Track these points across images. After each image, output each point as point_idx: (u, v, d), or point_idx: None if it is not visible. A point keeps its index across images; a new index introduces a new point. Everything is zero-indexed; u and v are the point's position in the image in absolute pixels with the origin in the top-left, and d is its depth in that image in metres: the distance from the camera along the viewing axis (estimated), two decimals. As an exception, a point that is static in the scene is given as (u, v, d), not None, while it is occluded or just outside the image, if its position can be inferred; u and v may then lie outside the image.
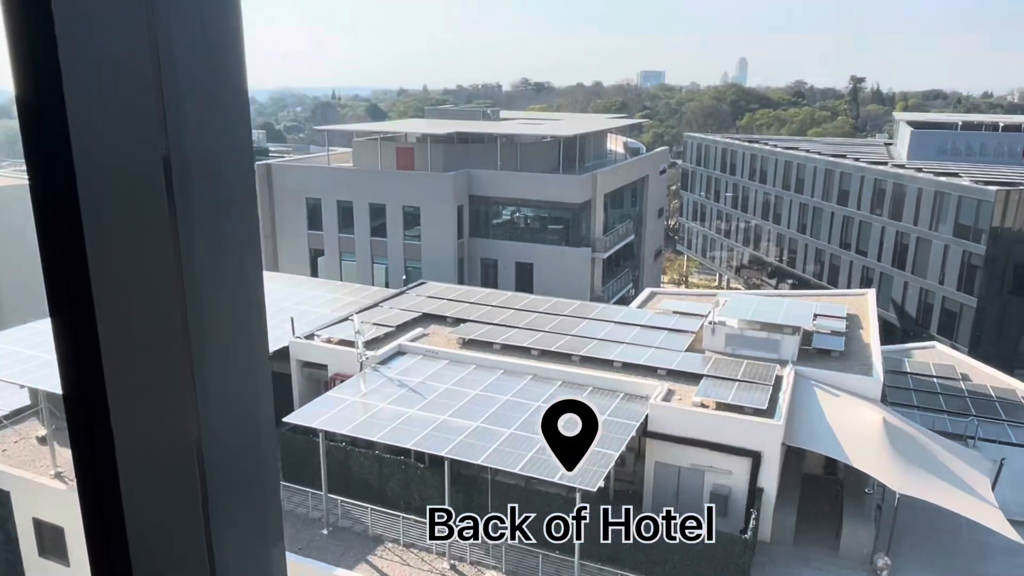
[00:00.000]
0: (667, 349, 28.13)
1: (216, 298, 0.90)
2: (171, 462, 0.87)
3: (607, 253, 49.37)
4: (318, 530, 24.25)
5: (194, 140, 0.85)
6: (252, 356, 0.98)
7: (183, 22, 0.83)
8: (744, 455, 22.89)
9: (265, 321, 1.00)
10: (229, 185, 0.91)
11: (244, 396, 0.96)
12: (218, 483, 0.89)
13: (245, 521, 0.94)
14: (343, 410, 24.43)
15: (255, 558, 0.96)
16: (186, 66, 0.84)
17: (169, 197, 0.82)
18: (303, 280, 41.87)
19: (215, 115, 0.89)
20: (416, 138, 53.12)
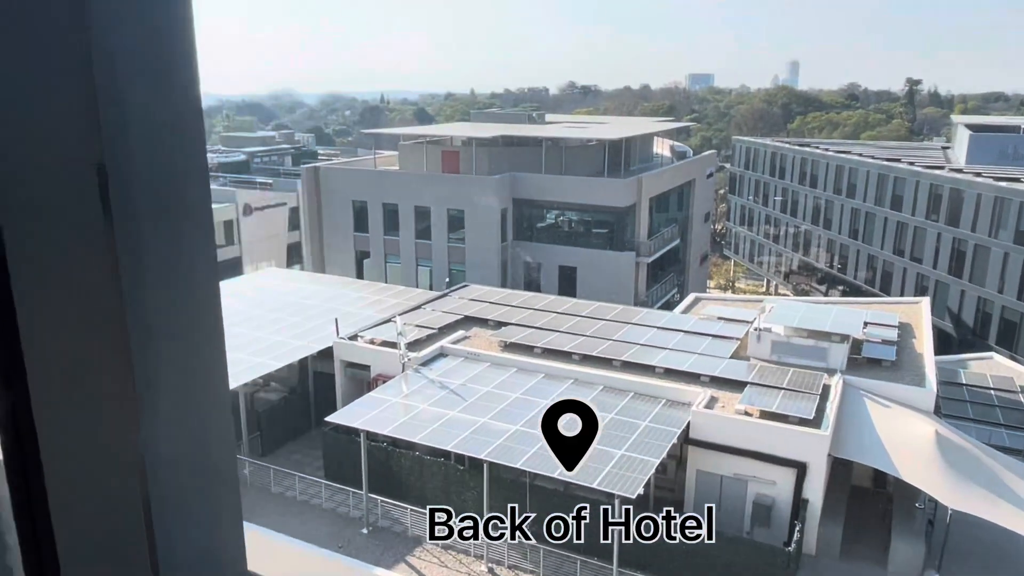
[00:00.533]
0: (711, 355, 27.71)
1: (165, 318, 0.86)
2: (111, 504, 0.83)
3: (652, 257, 48.87)
4: (358, 529, 24.50)
5: (138, 148, 0.81)
6: (207, 379, 0.93)
7: (122, 17, 0.78)
8: (789, 465, 22.40)
9: (222, 340, 0.95)
10: (180, 197, 0.86)
11: (199, 424, 0.92)
12: (168, 526, 0.86)
13: (198, 558, 0.91)
14: (385, 411, 24.64)
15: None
16: (127, 67, 0.79)
17: (105, 209, 0.78)
18: (349, 281, 42.43)
19: (163, 121, 0.84)
20: (462, 141, 53.38)
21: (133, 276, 0.79)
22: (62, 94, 0.76)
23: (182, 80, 0.85)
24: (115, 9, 0.77)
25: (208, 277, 0.90)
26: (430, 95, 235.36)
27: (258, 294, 38.11)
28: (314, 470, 27.62)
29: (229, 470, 0.95)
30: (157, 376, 0.83)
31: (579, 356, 28.06)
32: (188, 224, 0.86)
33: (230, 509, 0.96)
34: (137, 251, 0.80)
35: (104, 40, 0.77)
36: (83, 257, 0.78)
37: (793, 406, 23.30)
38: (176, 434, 0.87)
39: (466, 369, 27.53)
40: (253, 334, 32.01)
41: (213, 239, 0.90)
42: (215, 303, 0.93)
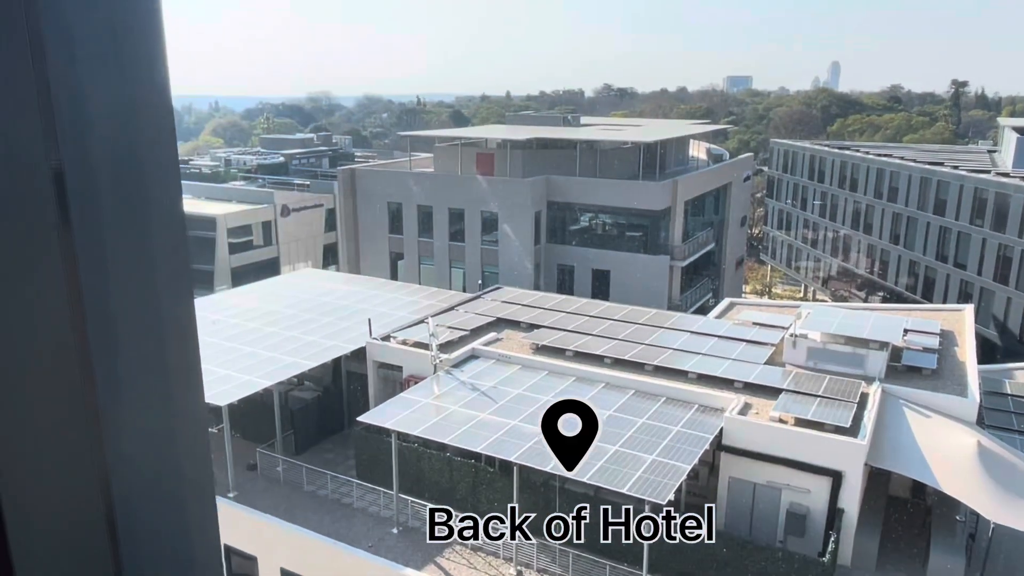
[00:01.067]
0: (745, 361, 27.33)
1: (131, 327, 0.82)
2: (72, 518, 0.79)
3: (686, 261, 48.42)
4: (388, 529, 24.63)
5: (99, 150, 0.76)
6: (178, 388, 0.89)
7: (81, 17, 0.72)
8: (824, 474, 21.98)
9: (196, 348, 0.91)
10: (148, 200, 0.82)
11: (169, 434, 0.88)
12: (135, 539, 0.82)
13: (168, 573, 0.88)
14: (416, 411, 24.74)
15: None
16: (86, 60, 0.73)
17: (63, 215, 0.73)
18: (383, 283, 42.73)
19: (128, 121, 0.79)
20: (496, 144, 53.49)
21: (95, 285, 0.77)
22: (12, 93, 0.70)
23: (150, 75, 0.80)
24: (73, 6, 0.72)
25: (179, 284, 0.87)
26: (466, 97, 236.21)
27: (294, 294, 38.58)
28: (346, 469, 27.85)
29: (203, 481, 0.93)
30: (121, 385, 0.81)
31: (611, 360, 27.87)
32: (157, 229, 0.83)
33: (205, 522, 0.93)
34: (99, 259, 0.77)
35: (58, 28, 0.71)
36: (40, 266, 0.74)
37: (829, 414, 22.86)
38: (143, 444, 0.85)
39: (497, 371, 27.53)
40: (288, 333, 32.39)
41: (185, 244, 0.88)
42: (187, 310, 0.91)
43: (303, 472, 27.41)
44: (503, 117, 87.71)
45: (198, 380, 0.92)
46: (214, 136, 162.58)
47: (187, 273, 0.89)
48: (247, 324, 33.63)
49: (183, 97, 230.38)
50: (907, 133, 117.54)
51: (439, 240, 50.35)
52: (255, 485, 27.37)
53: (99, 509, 0.80)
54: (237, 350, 30.27)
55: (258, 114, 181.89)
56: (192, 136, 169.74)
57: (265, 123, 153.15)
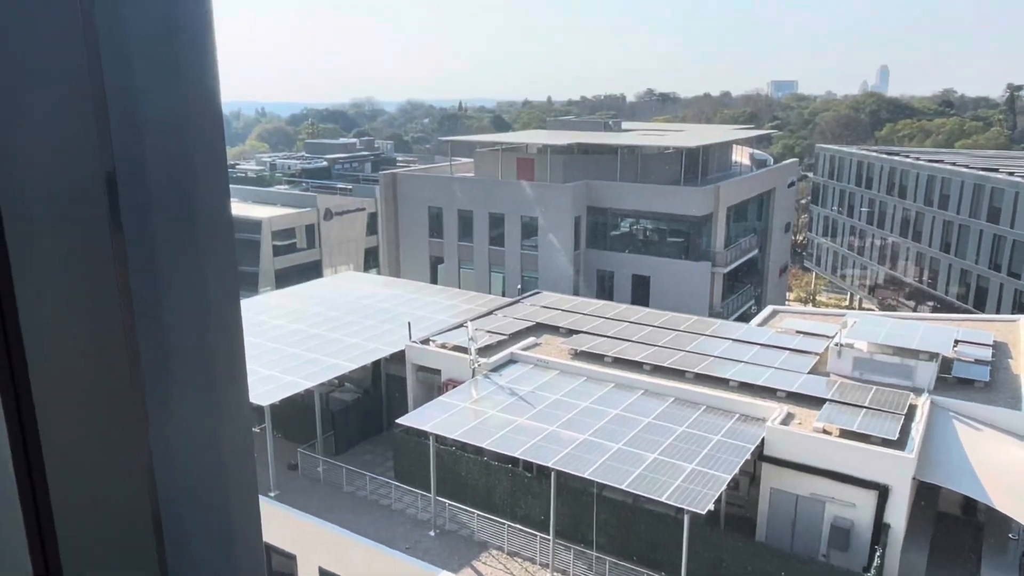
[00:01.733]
0: (788, 370, 26.85)
1: (179, 330, 0.83)
2: (119, 514, 0.81)
3: (728, 268, 47.80)
4: (425, 531, 24.74)
5: (151, 155, 0.77)
6: (224, 390, 0.90)
7: (134, 13, 0.74)
8: (870, 487, 21.45)
9: (242, 350, 0.92)
10: (197, 206, 0.83)
11: (215, 435, 0.89)
12: (180, 538, 0.83)
13: (211, 572, 0.88)
14: (454, 415, 24.84)
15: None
16: (140, 68, 0.75)
17: (114, 220, 0.75)
18: (422, 286, 43.04)
19: (179, 126, 0.80)
20: (537, 149, 53.53)
21: (145, 288, 0.78)
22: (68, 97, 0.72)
23: (201, 82, 0.82)
24: (126, 8, 0.74)
25: (227, 287, 0.88)
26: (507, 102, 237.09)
27: (336, 296, 39.09)
28: (384, 470, 28.08)
29: (247, 481, 0.94)
30: (170, 387, 0.82)
31: (650, 367, 27.64)
32: (206, 234, 0.84)
33: (248, 521, 0.94)
34: (149, 263, 0.78)
35: (114, 38, 0.73)
36: (91, 270, 0.76)
37: (875, 425, 22.32)
38: (190, 445, 0.86)
39: (535, 376, 27.50)
40: (330, 336, 32.82)
41: (233, 249, 0.89)
42: (234, 313, 0.92)
43: (343, 473, 27.71)
44: (544, 122, 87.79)
45: (243, 381, 0.93)
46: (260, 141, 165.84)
47: (234, 276, 0.90)
48: (290, 326, 34.17)
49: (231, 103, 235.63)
50: (960, 138, 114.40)
51: (479, 244, 50.54)
52: (296, 484, 27.75)
53: (146, 508, 0.82)
54: (280, 351, 30.77)
55: (303, 119, 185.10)
56: (239, 141, 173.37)
57: (309, 128, 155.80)
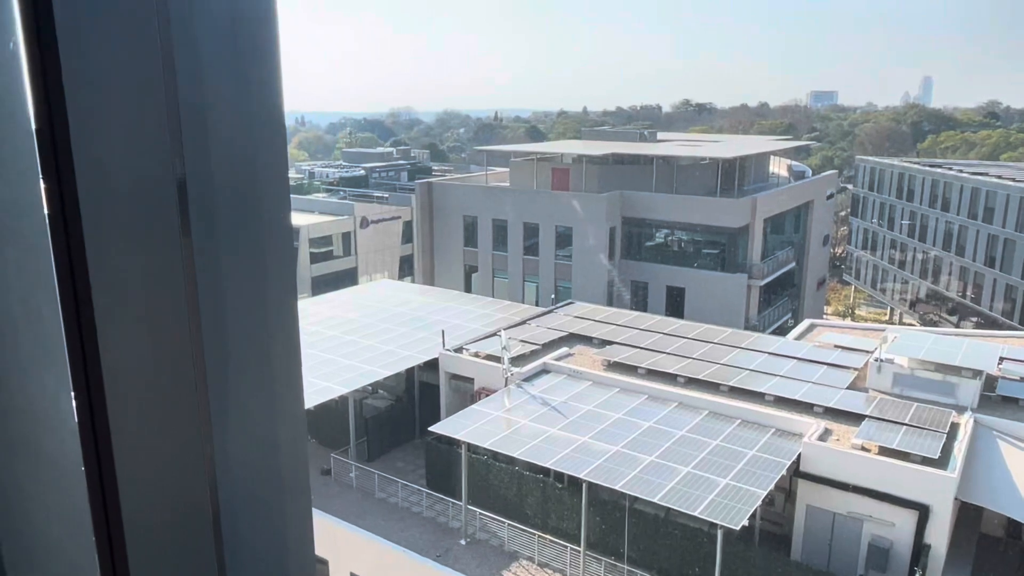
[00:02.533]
0: (825, 385, 26.39)
1: (241, 335, 0.86)
2: (182, 515, 0.84)
3: (764, 280, 47.18)
4: (456, 540, 24.75)
5: (218, 163, 0.81)
6: (281, 395, 0.93)
7: (206, 31, 0.78)
8: (910, 507, 20.95)
9: (299, 356, 0.95)
10: (260, 214, 0.86)
11: (272, 438, 0.92)
12: (236, 537, 0.86)
13: (266, 570, 0.91)
14: (486, 424, 24.86)
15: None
16: (211, 82, 0.79)
17: (184, 226, 0.78)
18: (457, 295, 43.23)
19: (245, 136, 0.84)
20: (572, 159, 53.52)
21: (210, 293, 0.81)
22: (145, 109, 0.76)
23: (266, 96, 0.85)
24: (199, 24, 0.78)
25: (286, 295, 0.91)
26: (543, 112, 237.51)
27: (371, 304, 39.45)
28: (416, 478, 28.18)
29: (301, 484, 0.96)
30: (231, 391, 0.85)
31: (684, 379, 27.38)
32: (267, 242, 0.87)
33: (301, 523, 0.97)
34: (215, 269, 0.81)
35: (188, 55, 0.77)
36: (161, 274, 0.79)
37: (916, 443, 21.81)
38: (248, 447, 0.88)
39: (568, 386, 27.41)
40: (365, 342, 33.11)
41: (292, 257, 0.92)
42: (292, 320, 0.94)
43: (375, 479, 27.88)
44: (579, 132, 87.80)
45: (299, 387, 0.96)
46: (299, 150, 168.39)
47: (293, 282, 0.93)
48: (326, 332, 34.55)
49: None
50: (1005, 151, 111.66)
51: (513, 254, 50.62)
52: (329, 490, 27.98)
53: (207, 512, 0.84)
54: (315, 356, 31.11)
55: (341, 128, 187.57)
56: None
57: (347, 137, 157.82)
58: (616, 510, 23.22)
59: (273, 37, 0.85)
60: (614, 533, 23.19)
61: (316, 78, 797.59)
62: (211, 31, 0.79)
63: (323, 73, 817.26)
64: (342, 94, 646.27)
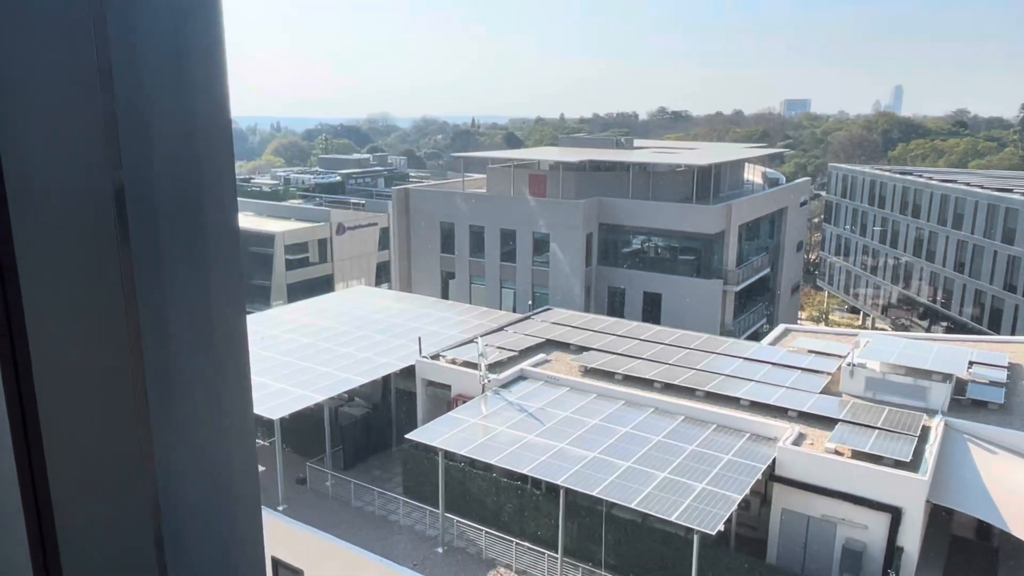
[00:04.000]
0: (799, 390, 26.65)
1: (185, 344, 0.84)
2: (120, 526, 0.81)
3: (740, 286, 47.60)
4: (433, 548, 24.61)
5: (160, 169, 0.78)
6: (229, 404, 0.90)
7: (145, 28, 0.75)
8: (882, 510, 21.19)
9: (247, 365, 0.93)
10: (205, 221, 0.84)
11: (219, 449, 0.89)
12: (181, 549, 0.83)
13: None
14: (463, 431, 24.78)
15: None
16: (151, 83, 0.76)
17: (122, 235, 0.76)
18: (434, 301, 43.10)
19: (188, 140, 0.81)
20: (549, 165, 53.67)
21: (151, 304, 0.79)
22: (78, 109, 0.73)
23: (211, 98, 0.83)
24: (137, 21, 0.75)
25: (233, 303, 0.89)
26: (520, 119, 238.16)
27: (347, 311, 39.20)
28: (393, 486, 28.00)
29: (251, 494, 0.94)
30: (174, 401, 0.83)
31: (661, 384, 27.51)
32: (213, 250, 0.85)
33: (251, 534, 0.95)
34: (156, 279, 0.79)
35: (125, 52, 0.74)
36: (98, 282, 0.77)
37: (888, 447, 22.08)
38: (193, 458, 0.86)
39: (545, 393, 27.42)
40: (341, 350, 32.87)
41: (240, 264, 0.90)
42: (240, 330, 0.92)
43: (351, 487, 27.65)
44: (556, 139, 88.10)
45: (248, 395, 0.94)
46: (275, 156, 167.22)
47: (241, 289, 0.91)
48: (301, 339, 34.26)
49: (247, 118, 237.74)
50: (973, 159, 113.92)
51: (490, 260, 50.61)
52: (304, 499, 27.70)
53: (148, 519, 0.82)
54: (291, 364, 30.84)
55: (317, 135, 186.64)
56: (255, 156, 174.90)
57: (324, 143, 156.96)
58: (593, 516, 23.23)
59: (218, 35, 0.83)
60: (591, 539, 23.20)
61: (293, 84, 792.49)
62: (151, 28, 0.77)
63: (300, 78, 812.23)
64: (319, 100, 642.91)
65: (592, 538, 23.17)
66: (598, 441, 23.68)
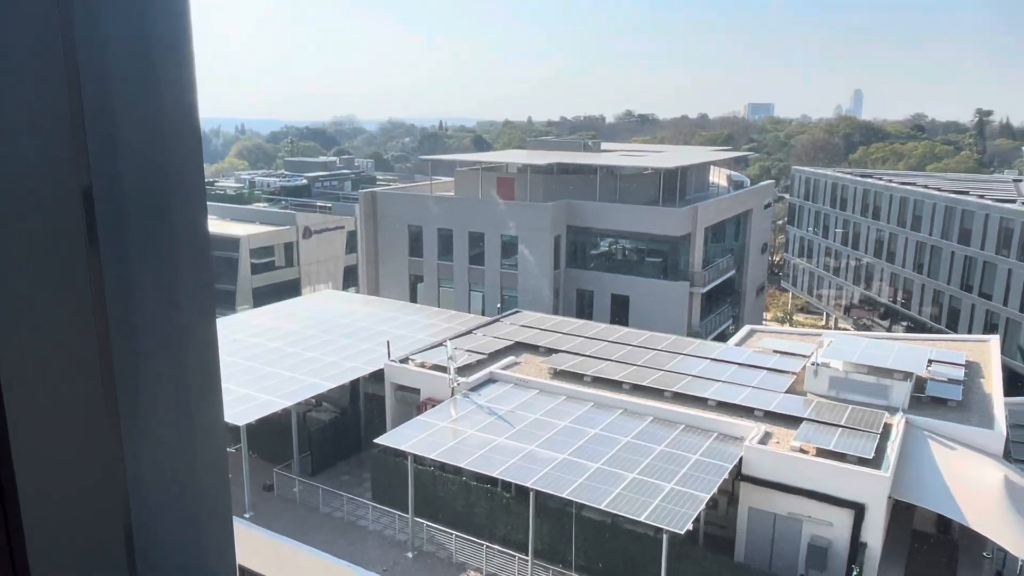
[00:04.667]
0: (765, 389, 27.03)
1: (154, 347, 0.82)
2: (89, 528, 0.79)
3: (706, 288, 48.14)
4: (403, 553, 24.47)
5: (128, 170, 0.77)
6: (198, 407, 0.90)
7: (113, 29, 0.74)
8: (846, 506, 21.58)
9: (217, 368, 0.92)
10: (174, 223, 0.83)
11: (188, 452, 0.88)
12: (150, 553, 0.82)
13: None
14: (433, 434, 24.69)
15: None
16: (119, 84, 0.75)
17: (91, 237, 0.74)
18: (402, 305, 42.89)
19: (157, 142, 0.80)
20: (517, 168, 53.75)
21: (120, 306, 0.77)
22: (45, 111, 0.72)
23: (179, 101, 0.82)
24: (104, 21, 0.74)
25: (203, 304, 0.88)
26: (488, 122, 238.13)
27: (314, 315, 38.82)
28: (362, 491, 27.78)
29: (221, 499, 0.93)
30: (143, 401, 0.82)
31: (629, 386, 27.69)
32: (182, 248, 0.84)
33: (221, 542, 0.93)
34: (125, 281, 0.78)
35: (92, 53, 0.73)
36: (67, 285, 0.75)
37: (851, 444, 22.50)
38: (164, 464, 0.85)
39: (515, 395, 27.43)
40: (308, 354, 32.54)
41: (209, 263, 0.89)
42: (210, 330, 0.91)
43: (319, 493, 27.37)
44: (524, 142, 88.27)
45: (218, 399, 0.93)
46: (239, 159, 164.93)
47: (211, 292, 0.90)
48: (268, 344, 33.85)
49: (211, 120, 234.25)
50: (931, 162, 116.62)
51: (459, 263, 50.51)
52: (271, 505, 27.36)
53: (118, 524, 0.81)
54: (257, 370, 30.44)
55: (283, 137, 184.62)
56: (219, 158, 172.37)
57: (289, 146, 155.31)
58: (563, 518, 23.29)
59: (186, 35, 0.82)
60: (562, 541, 23.27)
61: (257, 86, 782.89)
62: (117, 26, 0.76)
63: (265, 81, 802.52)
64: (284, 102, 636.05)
65: (562, 540, 23.24)
66: (567, 443, 23.76)
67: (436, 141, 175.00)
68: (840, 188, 79.04)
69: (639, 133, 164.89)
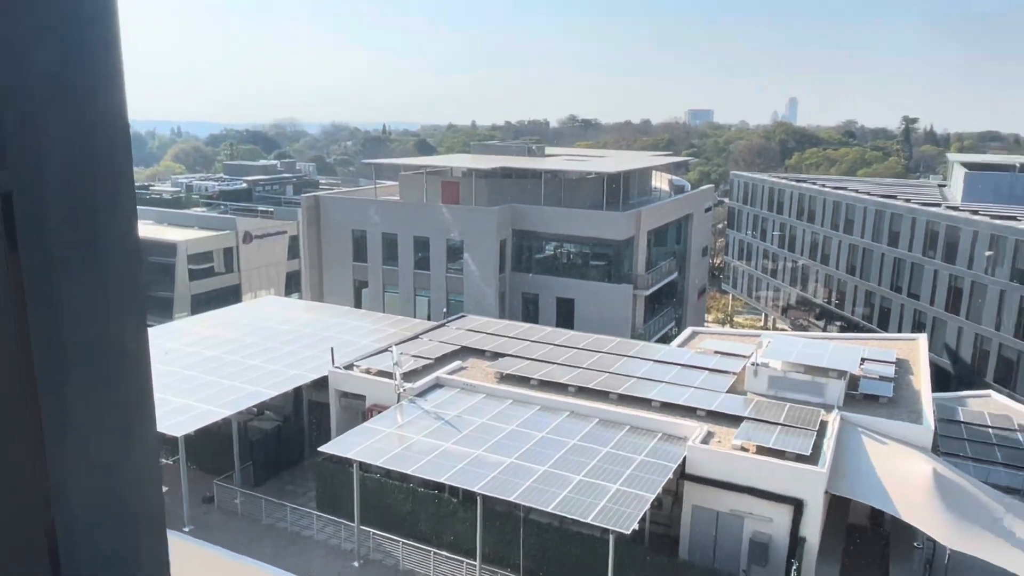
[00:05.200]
0: (707, 390, 27.57)
1: (80, 357, 0.79)
2: (14, 542, 0.75)
3: (649, 290, 48.87)
4: (349, 562, 24.13)
5: (52, 174, 0.74)
6: (129, 419, 0.87)
7: (32, 26, 0.70)
8: (785, 502, 22.15)
9: (149, 379, 0.89)
10: (101, 227, 0.80)
11: (118, 465, 0.85)
12: (78, 569, 0.79)
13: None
14: (379, 441, 24.42)
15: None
16: (42, 86, 0.71)
17: (10, 242, 0.71)
18: (346, 310, 42.36)
19: (83, 144, 0.77)
20: (462, 172, 53.69)
21: (42, 313, 0.74)
22: None
23: (107, 102, 0.79)
24: (23, 20, 0.69)
25: (131, 312, 0.85)
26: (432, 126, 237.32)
27: (255, 322, 38.01)
28: (306, 501, 27.30)
29: (154, 513, 0.90)
30: (69, 416, 0.78)
31: (575, 388, 27.90)
32: (110, 259, 0.81)
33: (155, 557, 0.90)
34: (47, 287, 0.74)
35: (10, 54, 0.69)
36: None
37: (790, 442, 23.12)
38: (90, 475, 0.82)
39: (461, 400, 27.35)
40: (249, 362, 31.84)
41: (140, 275, 0.86)
42: (140, 338, 0.88)
43: (262, 504, 26.79)
44: (468, 146, 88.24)
45: (150, 409, 0.90)
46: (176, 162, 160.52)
47: (141, 299, 0.87)
48: (206, 352, 32.99)
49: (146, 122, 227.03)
50: (861, 167, 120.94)
51: (404, 268, 50.15)
52: (212, 518, 26.66)
53: (41, 542, 0.77)
54: (195, 379, 29.64)
55: (221, 140, 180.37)
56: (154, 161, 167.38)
57: (228, 149, 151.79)
58: (511, 521, 23.31)
59: (113, 34, 0.78)
60: (510, 545, 23.28)
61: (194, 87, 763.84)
62: (40, 27, 0.72)
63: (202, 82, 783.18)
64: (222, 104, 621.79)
65: (510, 543, 23.25)
66: (515, 447, 23.80)
67: (380, 145, 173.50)
68: (777, 192, 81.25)
69: (583, 138, 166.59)
